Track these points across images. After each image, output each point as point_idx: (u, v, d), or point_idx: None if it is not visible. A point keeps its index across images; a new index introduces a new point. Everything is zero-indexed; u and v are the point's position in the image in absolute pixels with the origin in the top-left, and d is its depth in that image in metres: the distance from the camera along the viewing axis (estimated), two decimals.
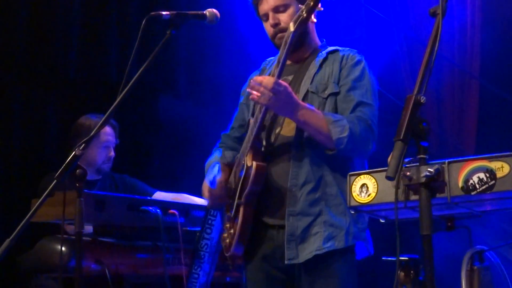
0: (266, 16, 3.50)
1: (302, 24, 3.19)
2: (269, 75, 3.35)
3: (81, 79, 5.78)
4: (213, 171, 3.50)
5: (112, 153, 4.95)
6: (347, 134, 3.17)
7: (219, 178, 3.44)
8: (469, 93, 6.86)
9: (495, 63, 6.75)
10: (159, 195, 4.94)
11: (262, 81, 3.16)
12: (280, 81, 3.17)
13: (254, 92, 3.17)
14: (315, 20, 3.20)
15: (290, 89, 3.18)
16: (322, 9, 3.24)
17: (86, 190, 3.78)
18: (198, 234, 3.88)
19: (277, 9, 3.46)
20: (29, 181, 5.31)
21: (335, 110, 3.34)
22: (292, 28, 3.20)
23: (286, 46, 3.21)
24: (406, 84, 7.00)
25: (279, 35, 3.40)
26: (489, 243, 2.93)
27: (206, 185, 3.48)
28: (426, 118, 2.23)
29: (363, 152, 3.33)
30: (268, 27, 3.51)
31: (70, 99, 5.72)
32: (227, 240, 3.41)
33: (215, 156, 3.67)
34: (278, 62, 3.25)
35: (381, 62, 6.83)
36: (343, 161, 3.35)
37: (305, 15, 3.16)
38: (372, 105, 3.36)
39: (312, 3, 3.13)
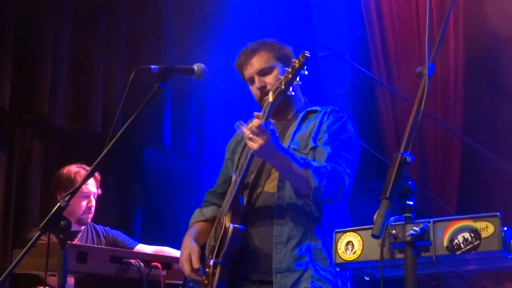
0: (252, 79, 3.54)
1: (280, 96, 3.18)
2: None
3: (66, 129, 5.77)
4: (189, 244, 3.52)
5: (92, 203, 4.91)
6: (324, 183, 3.19)
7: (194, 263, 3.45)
8: (451, 150, 6.91)
9: (478, 121, 6.82)
10: (141, 248, 4.92)
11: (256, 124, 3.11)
12: (270, 126, 3.14)
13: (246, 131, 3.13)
14: (300, 82, 3.21)
15: (274, 132, 3.14)
16: (300, 83, 3.19)
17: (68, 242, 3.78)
18: (180, 287, 3.85)
19: (262, 72, 3.50)
20: (10, 231, 5.27)
21: None
22: (271, 98, 3.19)
23: (265, 116, 3.19)
24: (390, 140, 7.05)
25: (265, 97, 3.35)
26: None
27: (185, 257, 3.48)
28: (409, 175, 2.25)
29: (334, 202, 3.33)
30: (254, 90, 3.54)
31: (55, 148, 5.71)
32: None
33: (195, 216, 3.71)
34: None
35: (365, 118, 6.89)
36: (327, 215, 3.37)
37: (283, 87, 3.14)
38: (347, 157, 3.37)
39: (290, 76, 3.12)
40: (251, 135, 3.09)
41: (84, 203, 4.84)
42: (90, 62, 5.94)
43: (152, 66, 3.29)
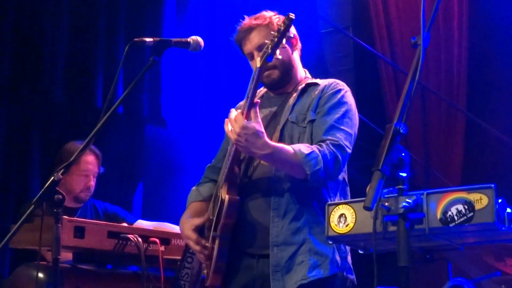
0: (251, 55, 3.51)
1: (267, 60, 3.19)
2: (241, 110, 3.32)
3: (66, 104, 5.76)
4: (187, 219, 3.53)
5: (92, 183, 4.87)
6: (320, 166, 3.16)
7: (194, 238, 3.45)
8: (455, 126, 6.89)
9: (481, 96, 6.79)
10: (141, 223, 4.90)
11: (233, 121, 3.16)
12: (247, 124, 3.13)
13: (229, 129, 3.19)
14: (286, 46, 3.22)
15: (257, 130, 3.14)
16: (286, 46, 3.25)
17: (66, 217, 3.76)
18: (178, 263, 3.83)
19: (261, 48, 3.45)
20: (11, 207, 5.28)
21: (311, 135, 3.34)
22: (258, 63, 3.20)
23: (254, 81, 3.19)
24: (393, 116, 7.03)
25: (266, 73, 3.40)
26: (469, 275, 2.92)
27: (187, 228, 3.48)
28: (411, 150, 2.21)
29: (335, 177, 3.33)
30: (254, 65, 3.51)
31: (55, 124, 5.70)
32: (205, 271, 3.42)
33: (191, 195, 3.69)
34: (247, 97, 3.23)
35: (369, 94, 6.86)
36: (325, 189, 3.35)
37: (269, 51, 3.16)
38: (345, 130, 3.33)
39: (276, 40, 3.14)
40: (234, 132, 3.14)
41: (83, 181, 4.82)
42: (90, 37, 5.92)
43: (147, 39, 3.26)
